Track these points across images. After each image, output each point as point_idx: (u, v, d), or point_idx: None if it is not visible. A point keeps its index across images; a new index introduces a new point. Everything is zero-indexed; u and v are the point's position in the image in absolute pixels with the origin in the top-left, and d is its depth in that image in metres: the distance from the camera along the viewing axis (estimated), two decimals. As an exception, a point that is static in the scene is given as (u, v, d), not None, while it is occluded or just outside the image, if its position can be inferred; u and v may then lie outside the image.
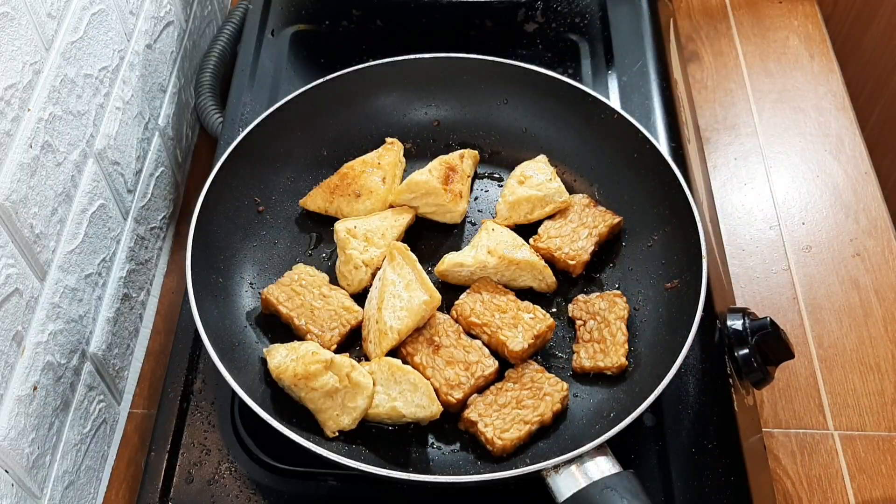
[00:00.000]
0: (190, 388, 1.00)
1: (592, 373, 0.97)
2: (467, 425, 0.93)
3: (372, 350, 0.97)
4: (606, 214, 1.08)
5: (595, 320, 0.99)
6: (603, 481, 0.83)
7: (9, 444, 0.83)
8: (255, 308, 1.03)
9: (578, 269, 1.04)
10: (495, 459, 0.91)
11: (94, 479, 1.03)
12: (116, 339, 1.09)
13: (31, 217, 0.87)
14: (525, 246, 1.04)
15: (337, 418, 0.91)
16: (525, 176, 1.10)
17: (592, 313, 1.00)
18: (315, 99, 1.14)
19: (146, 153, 1.18)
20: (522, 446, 0.91)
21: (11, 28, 0.83)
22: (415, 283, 0.99)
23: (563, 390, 0.94)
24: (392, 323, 0.96)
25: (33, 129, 0.87)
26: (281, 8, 1.37)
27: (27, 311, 0.87)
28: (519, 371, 0.95)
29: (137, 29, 1.14)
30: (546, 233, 1.07)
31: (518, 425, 0.91)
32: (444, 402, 0.93)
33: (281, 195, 1.13)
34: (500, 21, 1.34)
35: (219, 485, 0.94)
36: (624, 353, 0.96)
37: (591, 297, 1.02)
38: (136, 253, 1.15)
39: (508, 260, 1.02)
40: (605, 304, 1.00)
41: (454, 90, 1.20)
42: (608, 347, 0.97)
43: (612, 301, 1.00)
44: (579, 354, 0.98)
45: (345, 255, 1.03)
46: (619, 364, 0.96)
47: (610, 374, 0.96)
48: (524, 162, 1.14)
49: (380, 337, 0.96)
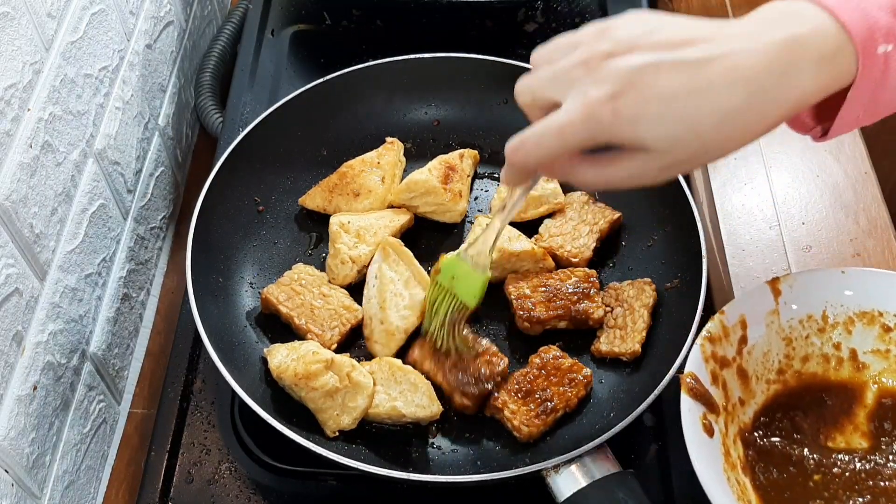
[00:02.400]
0: (190, 387, 1.00)
1: (608, 358, 0.98)
2: (493, 412, 0.93)
3: (379, 350, 0.97)
4: (606, 210, 1.08)
5: (622, 307, 1.00)
6: (603, 481, 0.83)
7: (9, 444, 0.83)
8: (255, 308, 1.03)
9: (581, 267, 1.04)
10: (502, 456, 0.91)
11: (94, 478, 1.03)
12: (116, 339, 1.09)
13: (31, 217, 0.87)
14: (522, 236, 1.04)
15: (337, 418, 0.91)
16: None
17: (621, 300, 1.01)
18: (315, 99, 1.14)
19: (146, 153, 1.18)
20: (547, 432, 0.92)
21: (11, 28, 0.83)
22: (413, 280, 0.99)
23: (587, 376, 0.94)
24: (398, 323, 0.97)
25: (33, 128, 0.87)
26: (281, 8, 1.37)
27: (27, 310, 0.86)
28: (542, 357, 0.96)
29: (137, 29, 1.14)
30: (547, 231, 1.07)
31: (543, 412, 0.91)
32: (459, 408, 0.93)
33: (281, 195, 1.13)
34: (500, 21, 1.34)
35: (219, 485, 0.94)
36: (640, 341, 0.97)
37: (622, 284, 1.03)
38: (136, 253, 1.15)
39: (509, 253, 1.02)
40: (634, 291, 1.01)
41: (454, 90, 1.20)
42: (627, 334, 0.98)
43: (641, 288, 1.01)
44: (599, 339, 0.99)
45: (334, 248, 1.04)
46: (633, 351, 0.96)
47: (625, 360, 0.97)
48: None
49: (387, 338, 0.96)
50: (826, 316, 0.89)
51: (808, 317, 0.89)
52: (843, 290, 0.89)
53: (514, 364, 0.98)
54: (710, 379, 0.82)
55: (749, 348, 0.86)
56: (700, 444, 0.78)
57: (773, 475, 0.83)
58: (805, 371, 0.89)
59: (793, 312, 0.89)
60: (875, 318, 0.89)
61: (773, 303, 0.88)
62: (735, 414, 0.85)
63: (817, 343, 0.89)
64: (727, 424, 0.83)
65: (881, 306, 0.88)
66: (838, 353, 0.90)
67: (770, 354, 0.88)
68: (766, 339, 0.88)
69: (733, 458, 0.82)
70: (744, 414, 0.86)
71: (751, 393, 0.87)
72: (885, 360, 0.89)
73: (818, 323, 0.89)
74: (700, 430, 0.79)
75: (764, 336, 0.88)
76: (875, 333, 0.89)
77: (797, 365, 0.89)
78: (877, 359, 0.89)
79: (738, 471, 0.81)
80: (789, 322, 0.89)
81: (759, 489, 0.82)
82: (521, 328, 1.00)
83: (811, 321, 0.89)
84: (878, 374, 0.89)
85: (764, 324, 0.88)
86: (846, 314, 0.89)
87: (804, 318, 0.89)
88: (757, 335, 0.87)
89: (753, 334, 0.87)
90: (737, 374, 0.85)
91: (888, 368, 0.89)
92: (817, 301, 0.89)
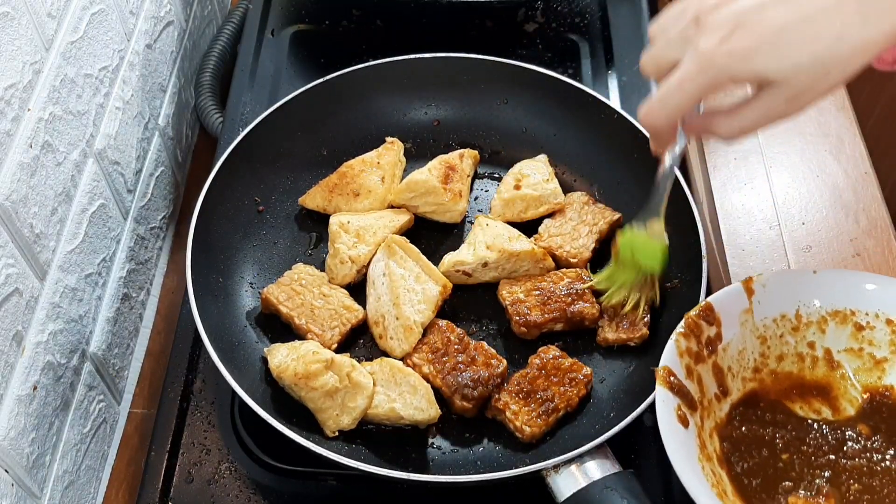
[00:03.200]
0: (190, 387, 1.00)
1: (616, 345, 0.99)
2: (495, 413, 0.93)
3: (396, 346, 0.97)
4: (606, 211, 1.08)
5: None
6: (603, 481, 0.83)
7: (9, 444, 0.83)
8: (255, 308, 1.03)
9: (580, 267, 1.04)
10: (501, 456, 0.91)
11: (94, 478, 1.03)
12: (116, 339, 1.09)
13: (31, 217, 0.87)
14: (521, 236, 1.04)
15: (337, 418, 0.91)
16: (522, 175, 1.10)
17: None
18: (315, 99, 1.14)
19: (146, 153, 1.18)
20: (548, 433, 0.92)
21: (11, 28, 0.83)
22: (423, 275, 1.00)
23: (587, 375, 0.95)
24: (415, 317, 0.97)
25: (33, 128, 0.87)
26: (281, 8, 1.37)
27: (27, 310, 0.87)
28: (541, 357, 0.96)
29: (137, 29, 1.14)
30: (546, 231, 1.07)
31: (545, 412, 0.92)
32: (459, 411, 0.93)
33: (281, 195, 1.13)
34: (500, 21, 1.34)
35: (219, 485, 0.94)
36: (645, 324, 0.98)
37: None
38: (136, 253, 1.15)
39: (508, 253, 1.02)
40: None
41: (454, 90, 1.20)
42: (631, 319, 0.99)
43: None
44: (604, 328, 0.99)
45: (333, 248, 1.04)
46: (642, 334, 0.97)
47: (633, 344, 0.98)
48: (524, 160, 1.14)
49: (405, 333, 0.97)
50: (799, 315, 0.90)
51: (782, 316, 0.90)
52: (814, 290, 0.91)
53: (514, 365, 0.98)
54: (684, 373, 0.83)
55: (724, 345, 0.88)
56: (675, 434, 0.79)
57: (746, 463, 0.84)
58: (780, 370, 0.90)
59: (766, 311, 0.90)
60: (847, 317, 0.90)
61: (746, 302, 0.89)
62: (711, 409, 0.86)
63: (791, 342, 0.91)
64: (703, 419, 0.84)
65: (853, 305, 0.90)
66: (813, 353, 0.91)
67: (745, 353, 0.89)
68: (740, 337, 0.89)
69: (709, 450, 0.83)
70: (720, 410, 0.87)
71: (726, 389, 0.88)
72: (858, 358, 0.90)
73: (792, 322, 0.90)
74: (675, 421, 0.80)
75: (738, 334, 0.89)
76: (848, 332, 0.90)
77: (772, 364, 0.90)
78: (850, 357, 0.90)
79: (713, 462, 0.83)
80: (763, 321, 0.90)
81: (735, 479, 0.83)
82: (517, 333, 1.00)
83: (785, 320, 0.90)
84: (853, 373, 0.90)
85: (738, 322, 0.89)
86: (819, 314, 0.90)
87: (778, 317, 0.90)
88: (731, 333, 0.88)
89: (728, 332, 0.88)
90: (712, 370, 0.87)
91: (862, 367, 0.90)
92: (790, 301, 0.90)
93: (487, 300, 1.05)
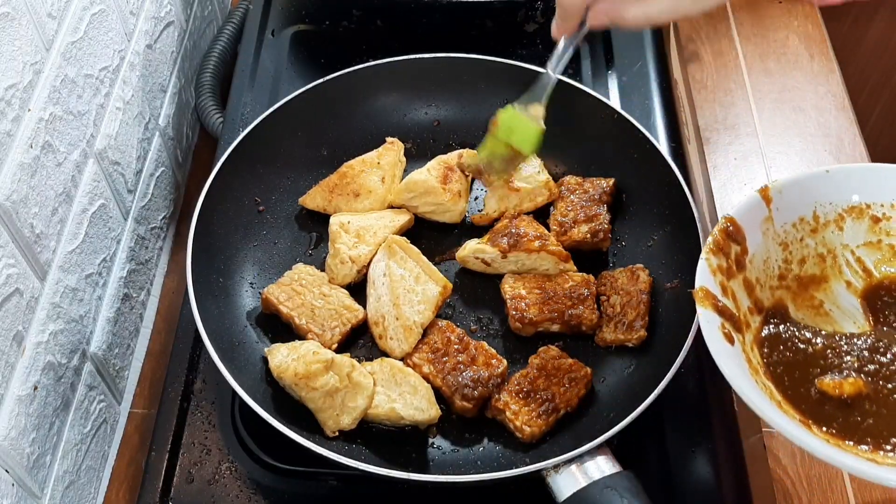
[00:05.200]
0: (190, 388, 1.00)
1: (614, 346, 0.99)
2: (495, 413, 0.93)
3: (396, 346, 0.97)
4: (599, 181, 1.10)
5: (618, 294, 1.01)
6: (603, 481, 0.83)
7: (9, 444, 0.83)
8: (255, 308, 1.03)
9: (607, 242, 1.06)
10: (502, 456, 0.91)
11: (94, 478, 1.03)
12: (117, 339, 1.09)
13: (32, 217, 0.87)
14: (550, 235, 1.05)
15: (337, 418, 0.91)
16: None
17: (616, 288, 1.02)
18: (315, 99, 1.14)
19: (146, 153, 1.18)
20: (548, 433, 0.92)
21: (12, 28, 0.83)
22: (423, 276, 1.00)
23: (587, 374, 0.95)
24: (415, 318, 0.97)
25: (34, 129, 0.87)
26: (281, 8, 1.37)
27: (27, 311, 0.87)
28: (541, 357, 0.96)
29: (138, 29, 1.14)
30: (560, 226, 1.07)
31: (545, 412, 0.92)
32: (460, 411, 0.93)
33: (281, 195, 1.13)
34: (500, 21, 1.34)
35: (219, 485, 0.94)
36: (643, 325, 0.98)
37: (614, 272, 1.03)
38: (137, 253, 1.15)
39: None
40: (627, 277, 1.02)
41: (454, 90, 1.20)
42: (630, 321, 0.99)
43: (634, 274, 1.02)
44: (602, 329, 1.00)
45: (333, 248, 1.04)
46: (640, 336, 0.97)
47: (631, 345, 0.98)
48: None
49: (405, 333, 0.97)
50: (817, 216, 0.92)
51: (801, 219, 0.91)
52: (829, 189, 0.92)
53: (514, 365, 0.98)
54: (720, 291, 0.84)
55: (750, 257, 0.88)
56: (725, 353, 0.79)
57: (782, 364, 0.85)
58: (804, 274, 0.92)
59: (785, 217, 0.91)
60: (863, 211, 0.91)
61: (765, 209, 0.90)
62: (747, 322, 0.86)
63: (811, 244, 0.92)
64: (743, 333, 0.85)
65: (867, 199, 0.91)
66: (833, 252, 0.92)
67: (770, 262, 0.90)
68: (763, 246, 0.90)
69: (754, 363, 0.84)
70: (754, 321, 0.88)
71: (758, 301, 0.88)
72: (878, 250, 0.91)
73: (810, 224, 0.92)
74: (722, 339, 0.80)
75: (762, 244, 0.90)
76: (865, 227, 0.91)
77: (795, 269, 0.91)
78: (870, 251, 0.92)
79: (760, 375, 0.83)
80: (783, 227, 0.91)
81: (781, 388, 0.84)
82: (512, 328, 1.00)
83: (803, 223, 0.91)
84: (874, 265, 0.91)
85: (760, 232, 0.90)
86: (836, 211, 0.91)
87: (797, 220, 0.91)
88: (755, 243, 0.89)
89: (752, 243, 0.89)
90: (743, 284, 0.87)
91: (882, 259, 0.91)
92: (807, 203, 0.92)
93: (488, 300, 1.05)
